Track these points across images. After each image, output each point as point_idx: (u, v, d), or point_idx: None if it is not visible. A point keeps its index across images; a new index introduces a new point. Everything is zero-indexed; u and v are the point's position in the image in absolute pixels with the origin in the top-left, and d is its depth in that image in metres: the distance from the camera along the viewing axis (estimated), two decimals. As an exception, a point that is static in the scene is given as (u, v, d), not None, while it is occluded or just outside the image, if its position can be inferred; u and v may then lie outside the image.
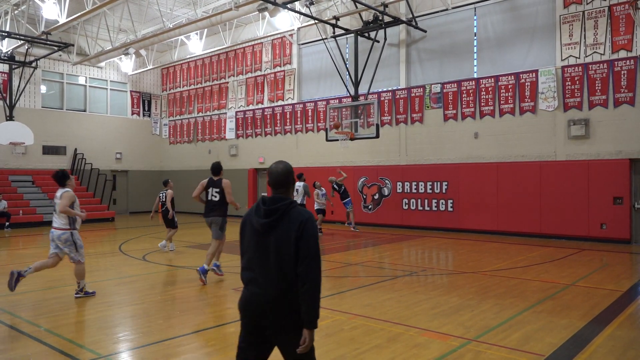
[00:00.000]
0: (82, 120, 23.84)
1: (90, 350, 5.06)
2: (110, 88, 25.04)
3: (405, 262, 10.84)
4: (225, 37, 21.11)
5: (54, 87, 23.24)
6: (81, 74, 23.90)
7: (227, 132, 23.24)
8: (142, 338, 5.58)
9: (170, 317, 6.32)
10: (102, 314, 6.57)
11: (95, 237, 15.91)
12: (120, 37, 21.74)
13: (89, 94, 24.28)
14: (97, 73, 24.41)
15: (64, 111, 23.37)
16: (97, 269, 10.20)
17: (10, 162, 21.51)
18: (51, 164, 22.77)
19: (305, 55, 20.54)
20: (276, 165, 3.24)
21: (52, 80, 23.11)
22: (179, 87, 25.88)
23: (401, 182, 17.15)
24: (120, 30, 21.38)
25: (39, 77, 22.31)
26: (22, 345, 5.34)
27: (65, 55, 22.24)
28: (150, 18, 20.56)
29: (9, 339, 5.53)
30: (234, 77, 23.07)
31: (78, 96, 23.98)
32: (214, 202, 8.37)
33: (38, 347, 5.25)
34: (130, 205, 25.51)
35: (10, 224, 17.84)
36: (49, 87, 23.04)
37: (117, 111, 25.29)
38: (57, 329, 5.80)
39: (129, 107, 25.75)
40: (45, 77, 22.75)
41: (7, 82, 20.63)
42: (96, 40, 21.76)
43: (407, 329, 5.69)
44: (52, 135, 22.66)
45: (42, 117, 22.39)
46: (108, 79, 24.89)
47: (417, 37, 17.13)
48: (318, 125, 19.66)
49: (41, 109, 22.58)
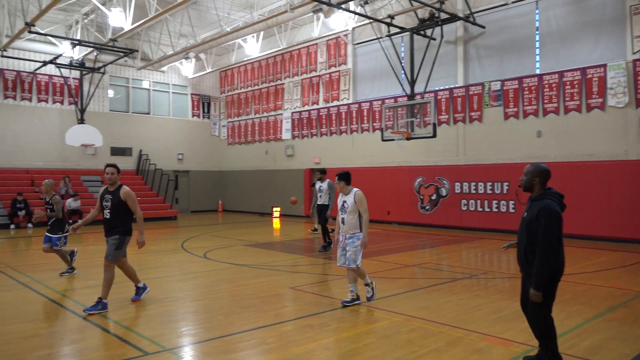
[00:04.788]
0: (146, 123, 24.91)
1: (156, 343, 5.28)
2: (172, 91, 26.02)
3: (465, 264, 10.58)
4: (281, 39, 21.41)
5: (120, 92, 24.42)
6: (145, 78, 24.98)
7: (284, 133, 23.55)
8: (203, 333, 5.76)
9: (230, 313, 6.48)
10: (166, 308, 6.83)
11: (159, 235, 16.55)
12: (181, 42, 22.53)
13: (152, 97, 25.34)
14: (159, 77, 25.42)
15: (130, 114, 24.50)
16: (161, 265, 10.62)
17: (81, 163, 22.81)
18: (119, 164, 23.80)
19: (360, 55, 20.49)
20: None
21: (119, 84, 24.29)
22: (236, 89, 26.50)
23: (459, 183, 16.75)
24: (180, 35, 22.15)
25: (107, 82, 23.50)
26: (93, 335, 5.64)
27: (130, 60, 23.31)
28: (208, 22, 21.19)
29: (81, 329, 5.86)
30: (289, 78, 23.35)
31: (142, 99, 25.08)
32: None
33: (107, 338, 5.54)
34: (192, 204, 26.39)
35: (81, 222, 18.87)
36: (115, 92, 24.23)
37: (179, 113, 26.24)
38: (124, 321, 6.09)
39: (190, 109, 26.65)
40: (112, 82, 23.95)
41: (79, 88, 21.89)
42: (158, 45, 22.67)
43: (467, 333, 5.55)
44: (119, 137, 23.82)
45: (110, 120, 23.58)
46: (170, 83, 25.87)
47: (475, 33, 16.68)
48: (373, 125, 19.55)
49: (109, 112, 23.79)
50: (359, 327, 5.85)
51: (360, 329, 5.80)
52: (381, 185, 18.96)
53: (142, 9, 17.51)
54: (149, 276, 9.51)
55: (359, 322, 6.06)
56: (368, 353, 4.99)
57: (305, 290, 7.77)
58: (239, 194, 26.34)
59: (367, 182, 19.49)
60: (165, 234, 17.05)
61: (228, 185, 26.96)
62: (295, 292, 7.72)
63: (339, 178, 6.78)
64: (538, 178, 4.36)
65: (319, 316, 6.25)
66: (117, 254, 6.69)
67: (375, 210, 19.11)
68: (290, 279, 8.84)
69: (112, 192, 6.81)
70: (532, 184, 4.39)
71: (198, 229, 17.86)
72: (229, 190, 26.87)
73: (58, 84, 22.18)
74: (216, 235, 15.78)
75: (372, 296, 6.90)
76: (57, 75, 21.78)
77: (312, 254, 11.92)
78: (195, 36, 21.01)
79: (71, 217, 18.82)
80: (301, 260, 10.99)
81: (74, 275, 9.25)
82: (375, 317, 6.26)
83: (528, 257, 4.26)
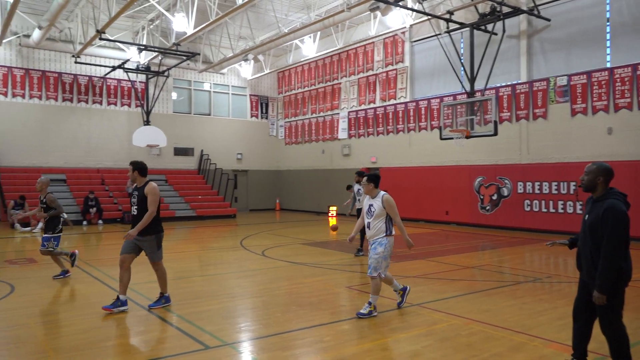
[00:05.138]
0: (207, 124, 25.71)
1: (216, 337, 5.44)
2: (232, 92, 26.70)
3: (528, 267, 10.18)
4: (338, 39, 21.45)
5: (183, 94, 25.33)
6: (206, 80, 25.78)
7: (340, 132, 23.59)
8: (261, 329, 5.87)
9: (288, 311, 6.57)
10: (226, 304, 7.02)
11: (219, 233, 17.03)
12: (240, 44, 23.06)
13: (213, 98, 26.11)
14: (219, 79, 26.16)
15: (192, 115, 25.37)
16: (221, 262, 10.92)
17: (147, 163, 23.73)
18: (181, 164, 24.87)
19: (417, 53, 20.18)
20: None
21: (181, 87, 25.21)
22: (293, 89, 26.82)
23: (522, 182, 16.14)
24: (240, 37, 22.68)
25: (170, 85, 24.44)
26: (158, 328, 5.89)
27: (192, 63, 24.14)
28: (267, 24, 21.56)
29: (146, 321, 6.13)
30: (346, 78, 23.36)
31: (203, 101, 25.90)
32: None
33: (171, 331, 5.76)
34: (250, 203, 26.98)
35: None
36: (178, 94, 25.16)
37: (238, 114, 26.88)
38: (187, 315, 6.31)
39: (248, 110, 27.24)
40: (175, 84, 24.88)
41: (145, 91, 22.92)
42: (219, 48, 23.33)
43: (530, 339, 5.34)
44: (181, 137, 24.72)
45: (173, 121, 24.51)
46: (229, 84, 26.55)
47: (540, 26, 16.00)
48: (431, 124, 19.20)
49: (172, 113, 24.74)
50: (417, 329, 5.76)
51: (418, 330, 5.72)
52: (439, 185, 18.59)
53: (204, 13, 18.08)
54: (209, 272, 9.83)
55: (417, 324, 5.97)
56: (428, 355, 4.91)
57: (362, 290, 7.75)
58: (295, 193, 26.65)
59: (425, 182, 19.20)
60: (225, 231, 17.52)
61: (285, 185, 27.34)
62: (351, 291, 7.72)
63: (368, 179, 6.41)
64: (602, 177, 4.11)
65: (376, 316, 6.21)
66: (159, 253, 6.69)
67: (433, 210, 18.80)
68: (346, 278, 8.85)
69: (139, 189, 6.68)
70: (595, 183, 4.14)
71: (256, 227, 18.22)
72: (286, 190, 27.24)
73: (126, 87, 23.31)
74: (274, 234, 16.04)
75: (401, 303, 6.61)
76: (125, 79, 22.89)
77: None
78: (254, 38, 21.45)
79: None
80: (357, 259, 10.97)
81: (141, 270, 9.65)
82: (433, 318, 6.15)
83: (595, 261, 4.05)
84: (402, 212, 21.71)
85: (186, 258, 11.68)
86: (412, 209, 19.63)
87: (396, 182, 20.42)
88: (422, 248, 12.88)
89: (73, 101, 22.11)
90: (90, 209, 19.00)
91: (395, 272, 9.15)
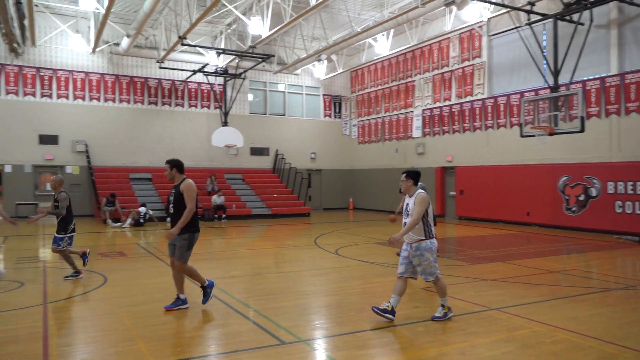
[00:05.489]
0: (282, 124, 26.26)
1: (291, 333, 5.54)
2: (305, 93, 27.08)
3: (620, 273, 9.49)
4: (412, 36, 21.10)
5: (258, 95, 26.05)
6: (280, 81, 26.33)
7: (414, 131, 23.22)
8: (335, 327, 5.91)
9: (362, 310, 6.56)
10: (301, 301, 7.14)
11: (294, 231, 17.34)
12: (314, 45, 23.33)
13: (287, 99, 26.62)
14: (293, 80, 26.62)
15: (267, 116, 26.03)
16: (295, 259, 11.11)
17: (225, 162, 24.79)
18: (257, 163, 25.60)
19: (495, 47, 19.41)
20: None
21: (257, 88, 25.93)
22: (366, 88, 26.73)
23: (613, 182, 15.05)
24: (313, 38, 22.94)
25: (247, 86, 25.21)
26: (236, 322, 6.09)
27: (267, 65, 24.74)
28: (340, 24, 21.65)
29: (225, 315, 6.37)
30: (420, 75, 22.94)
31: (278, 102, 26.48)
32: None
33: (248, 325, 5.94)
34: (324, 202, 27.24)
35: (226, 216, 20.55)
36: (254, 95, 25.91)
37: (311, 114, 27.23)
38: (264, 311, 6.47)
39: (322, 110, 27.50)
40: (251, 86, 25.63)
41: (223, 93, 23.81)
42: (293, 49, 23.74)
43: (622, 350, 4.97)
44: (257, 138, 25.44)
45: (249, 122, 25.27)
46: (303, 85, 26.94)
47: (633, 14, 14.83)
48: (511, 121, 18.40)
49: (248, 114, 25.51)
50: (497, 334, 5.54)
51: (497, 335, 5.50)
52: (519, 185, 17.78)
53: (278, 15, 18.47)
54: (285, 269, 10.04)
55: (496, 329, 5.74)
56: (506, 362, 4.71)
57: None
58: (369, 193, 26.55)
59: (504, 181, 18.44)
60: (300, 230, 17.80)
61: (358, 184, 27.32)
62: (426, 292, 7.57)
63: (407, 175, 6.06)
64: None
65: (452, 319, 6.05)
66: (187, 255, 6.52)
67: (512, 210, 18.01)
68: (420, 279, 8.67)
69: (175, 186, 6.52)
70: None
71: (330, 226, 18.35)
72: (360, 189, 27.21)
73: (205, 90, 24.34)
74: (347, 233, 16.08)
75: (439, 319, 5.98)
76: (205, 82, 23.91)
77: (444, 255, 11.59)
78: (327, 38, 21.62)
79: (217, 212, 20.56)
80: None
81: (220, 266, 10.03)
82: (514, 324, 5.89)
83: None
84: (479, 213, 20.98)
85: (262, 255, 12.01)
86: (490, 210, 18.93)
87: (473, 181, 19.78)
88: (501, 250, 12.38)
89: (158, 104, 23.43)
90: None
91: (473, 275, 8.87)
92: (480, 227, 17.70)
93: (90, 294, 7.51)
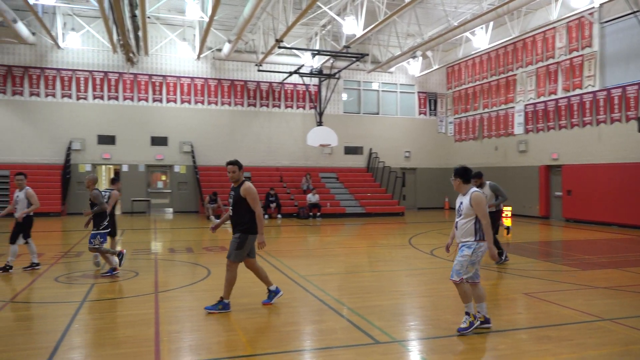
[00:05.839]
0: (376, 123, 26.19)
1: (386, 333, 5.51)
2: (400, 91, 26.77)
3: None
4: (513, 27, 20.02)
5: (352, 94, 26.19)
6: (374, 80, 26.26)
7: (516, 127, 22.04)
8: (430, 330, 5.78)
9: (458, 313, 6.34)
10: (395, 301, 7.07)
11: (388, 230, 17.23)
12: (408, 42, 22.97)
13: (381, 98, 26.48)
14: (387, 78, 26.42)
15: (361, 115, 26.09)
16: (390, 259, 11.04)
17: (320, 162, 25.24)
18: (351, 162, 25.77)
19: (609, 35, 17.84)
20: None
21: (351, 88, 26.08)
22: (463, 84, 25.83)
23: None
24: (408, 35, 22.60)
25: (341, 86, 25.45)
26: (330, 318, 6.18)
27: (361, 64, 24.80)
28: (435, 19, 21.11)
29: (320, 312, 6.48)
30: (522, 68, 21.72)
31: (372, 101, 26.44)
32: None
33: (342, 323, 6.00)
34: (418, 201, 26.76)
35: (321, 214, 20.91)
36: (348, 95, 26.08)
37: (406, 112, 26.86)
38: (358, 309, 6.50)
39: (416, 108, 27.03)
40: (345, 85, 25.83)
41: (317, 93, 24.25)
42: (387, 47, 23.57)
43: None
44: (351, 137, 25.59)
45: (343, 121, 25.49)
46: (397, 83, 26.65)
47: None
48: (627, 115, 16.83)
49: (342, 114, 25.74)
50: (610, 347, 5.11)
51: (611, 348, 5.06)
52: (636, 185, 16.21)
53: (372, 14, 18.42)
54: (379, 268, 10.01)
55: (610, 341, 5.29)
56: (621, 377, 4.33)
57: (541, 298, 7.13)
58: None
59: (618, 181, 16.94)
60: (394, 229, 17.64)
61: (454, 183, 26.44)
62: (530, 298, 7.16)
63: (455, 174, 5.66)
64: None
65: (558, 328, 5.67)
66: (238, 254, 6.37)
67: (629, 213, 16.47)
68: (522, 283, 8.23)
69: (235, 189, 6.49)
70: None
71: (425, 226, 17.99)
72: (456, 188, 26.33)
73: (301, 91, 24.95)
74: (443, 233, 15.67)
75: (467, 330, 5.44)
76: (300, 84, 24.50)
77: (549, 259, 10.90)
78: (422, 34, 21.18)
79: (311, 210, 20.99)
80: (536, 264, 10.13)
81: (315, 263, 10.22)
82: (630, 337, 5.39)
83: None
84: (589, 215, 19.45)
85: (356, 253, 12.07)
86: (601, 212, 17.46)
87: (582, 180, 18.37)
88: (615, 256, 11.38)
89: (256, 106, 24.42)
90: (270, 204, 20.79)
91: (583, 281, 8.25)
92: (590, 230, 16.40)
93: (196, 285, 8.02)
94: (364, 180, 25.07)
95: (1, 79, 21.17)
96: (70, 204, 21.41)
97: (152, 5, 18.20)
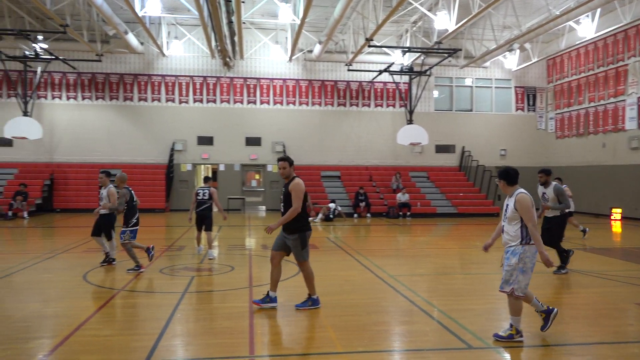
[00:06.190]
0: (469, 120, 25.28)
1: (479, 339, 5.31)
2: (495, 86, 25.60)
3: None
4: (624, 13, 18.35)
5: (444, 91, 25.48)
6: (467, 75, 25.34)
7: (627, 122, 20.20)
8: (529, 337, 5.47)
9: (559, 322, 5.96)
10: (491, 305, 6.80)
11: (481, 231, 16.59)
12: (504, 35, 21.91)
13: (475, 94, 25.50)
14: (481, 73, 25.37)
15: (453, 112, 25.31)
16: (483, 261, 10.62)
17: (410, 160, 24.86)
18: (442, 161, 25.10)
19: None
20: None
21: (443, 85, 25.38)
22: (566, 77, 24.14)
23: None
24: (504, 27, 21.56)
25: (432, 83, 24.85)
26: (420, 320, 6.08)
27: (453, 60, 24.05)
28: (534, 9, 19.91)
29: (410, 313, 6.39)
30: (635, 58, 19.85)
31: (465, 97, 25.55)
32: None
33: (433, 325, 5.87)
34: (514, 201, 25.42)
35: (411, 214, 20.61)
36: (440, 92, 25.41)
37: (501, 108, 25.64)
38: (450, 312, 6.32)
39: (513, 103, 25.71)
40: (437, 82, 25.19)
41: (408, 91, 23.89)
42: (481, 41, 22.64)
43: None
44: (442, 135, 24.92)
45: (434, 119, 24.88)
46: (492, 78, 25.51)
47: None
48: None
49: (433, 111, 25.13)
50: None
51: None
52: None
53: (465, 7, 17.79)
54: (471, 270, 9.69)
55: None
56: None
57: (657, 309, 6.50)
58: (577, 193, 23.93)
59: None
60: (488, 230, 16.92)
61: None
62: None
63: (499, 176, 5.43)
64: None
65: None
66: (305, 253, 6.38)
67: None
68: (634, 292, 7.54)
69: (285, 185, 6.45)
70: None
71: (521, 228, 17.04)
72: (557, 188, 24.70)
73: (391, 89, 24.72)
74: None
75: (545, 327, 5.39)
76: (390, 82, 24.27)
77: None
78: (520, 26, 20.08)
79: (401, 210, 20.75)
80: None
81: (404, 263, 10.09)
82: None
83: None
84: None
85: (447, 254, 11.75)
86: None
87: None
88: None
89: (346, 105, 24.57)
90: (360, 203, 20.84)
91: None
92: None
93: (287, 282, 8.24)
94: (456, 180, 24.31)
95: (114, 86, 23.22)
96: (173, 201, 22.95)
97: (247, 11, 18.95)
